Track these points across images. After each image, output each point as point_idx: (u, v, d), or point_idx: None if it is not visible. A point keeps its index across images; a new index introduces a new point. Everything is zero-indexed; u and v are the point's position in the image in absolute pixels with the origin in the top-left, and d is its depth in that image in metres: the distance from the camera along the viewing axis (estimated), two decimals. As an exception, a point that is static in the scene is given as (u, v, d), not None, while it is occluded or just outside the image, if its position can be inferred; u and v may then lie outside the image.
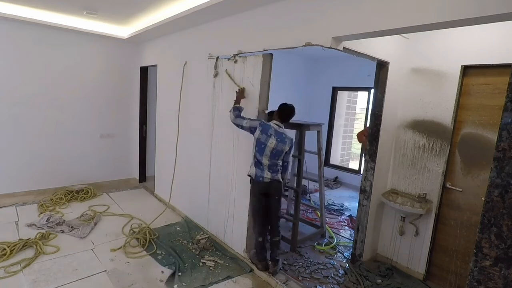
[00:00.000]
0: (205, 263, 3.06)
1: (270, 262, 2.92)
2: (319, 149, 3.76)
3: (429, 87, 2.96)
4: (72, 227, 3.60)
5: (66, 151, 4.94)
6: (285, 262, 3.17)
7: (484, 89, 2.66)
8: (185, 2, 3.26)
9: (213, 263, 3.06)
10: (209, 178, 3.67)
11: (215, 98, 3.49)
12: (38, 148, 4.69)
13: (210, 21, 3.51)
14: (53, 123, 4.77)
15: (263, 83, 2.89)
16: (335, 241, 3.69)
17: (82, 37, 4.78)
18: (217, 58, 3.41)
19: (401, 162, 3.19)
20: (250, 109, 3.00)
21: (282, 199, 2.98)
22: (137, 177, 5.69)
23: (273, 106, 3.41)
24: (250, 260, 3.08)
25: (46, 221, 3.66)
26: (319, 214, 4.11)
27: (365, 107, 6.35)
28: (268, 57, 2.87)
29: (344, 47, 2.38)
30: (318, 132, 3.74)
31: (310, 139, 3.91)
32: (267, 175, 2.78)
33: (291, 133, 3.74)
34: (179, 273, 2.86)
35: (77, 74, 4.89)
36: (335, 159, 6.72)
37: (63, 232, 3.49)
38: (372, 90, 3.14)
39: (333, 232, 3.95)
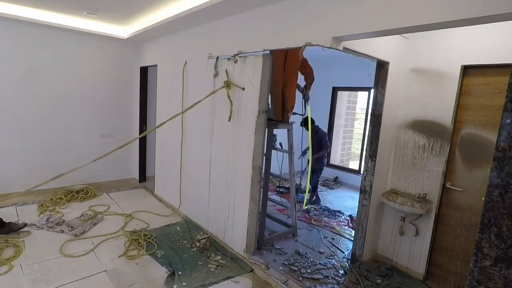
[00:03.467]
0: (208, 263, 3.06)
1: None
2: (291, 146, 3.74)
3: (429, 87, 2.96)
4: (72, 227, 3.60)
5: (66, 151, 4.94)
6: (286, 262, 3.17)
7: (484, 89, 2.66)
8: (185, 2, 3.26)
9: (215, 263, 3.06)
10: (209, 178, 3.66)
11: (215, 98, 3.49)
12: (38, 148, 4.69)
13: (210, 21, 3.51)
14: (53, 123, 4.76)
15: (263, 83, 2.89)
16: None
17: (82, 37, 4.78)
18: (217, 58, 3.41)
19: (401, 162, 3.19)
20: (251, 109, 3.01)
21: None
22: (137, 177, 5.69)
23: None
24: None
25: (46, 221, 3.66)
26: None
27: (365, 107, 6.35)
28: (268, 57, 2.87)
29: (344, 47, 2.38)
30: (288, 130, 3.71)
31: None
32: None
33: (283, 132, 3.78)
34: (179, 273, 2.86)
35: (77, 74, 4.89)
36: (335, 159, 6.73)
37: (63, 232, 3.49)
38: (372, 90, 3.14)
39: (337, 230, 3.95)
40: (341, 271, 3.12)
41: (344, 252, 3.51)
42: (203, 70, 3.64)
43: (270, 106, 3.33)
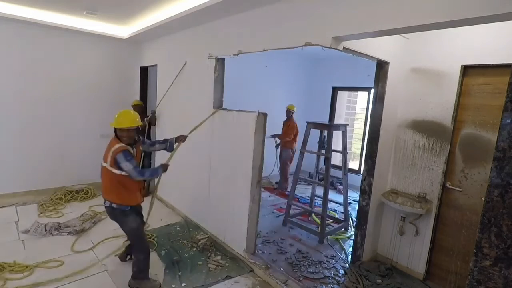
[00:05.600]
0: (208, 263, 3.07)
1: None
2: (344, 147, 3.98)
3: (429, 87, 2.96)
4: (70, 227, 3.58)
5: (66, 151, 4.94)
6: (286, 261, 3.17)
7: (484, 89, 2.66)
8: (185, 2, 3.26)
9: (215, 263, 3.06)
10: (209, 178, 3.66)
11: (215, 98, 3.49)
12: (38, 148, 4.69)
13: (210, 21, 3.51)
14: (53, 123, 4.77)
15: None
16: (351, 232, 3.90)
17: (82, 37, 4.78)
18: (217, 58, 3.41)
19: (401, 162, 3.19)
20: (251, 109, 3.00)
21: None
22: (137, 177, 5.68)
23: (272, 105, 3.41)
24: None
25: (45, 230, 3.47)
26: (317, 220, 4.14)
27: (365, 107, 6.34)
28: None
29: (344, 47, 2.38)
30: (342, 132, 3.98)
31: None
32: None
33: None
34: (179, 273, 2.86)
35: (77, 74, 4.89)
36: (335, 159, 6.72)
37: (61, 234, 3.47)
38: (372, 90, 3.14)
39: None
40: (341, 271, 3.12)
41: (344, 252, 3.51)
42: (203, 70, 3.64)
43: None
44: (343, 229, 4.03)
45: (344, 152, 4.00)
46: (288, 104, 5.47)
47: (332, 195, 5.59)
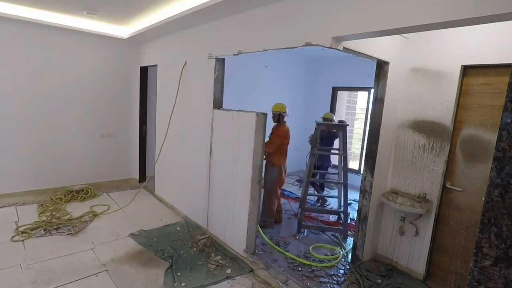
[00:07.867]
0: (208, 263, 3.07)
1: None
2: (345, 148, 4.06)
3: (429, 87, 2.96)
4: (69, 228, 3.57)
5: (66, 151, 4.94)
6: (287, 261, 3.17)
7: (484, 89, 2.66)
8: (185, 2, 3.27)
9: (215, 263, 3.06)
10: (208, 177, 3.66)
11: (215, 98, 3.49)
12: (38, 148, 4.69)
13: (210, 21, 3.51)
14: (53, 123, 4.77)
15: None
16: (341, 254, 3.38)
17: (82, 37, 4.78)
18: (217, 58, 3.41)
19: (401, 162, 3.19)
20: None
21: None
22: (137, 177, 5.69)
23: (271, 105, 3.41)
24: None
25: (44, 230, 3.47)
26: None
27: (365, 107, 6.35)
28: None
29: (344, 47, 2.38)
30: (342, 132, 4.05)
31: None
32: None
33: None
34: (178, 273, 2.86)
35: (77, 74, 4.89)
36: (335, 158, 6.71)
37: (62, 233, 3.47)
38: (372, 90, 3.14)
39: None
40: (341, 271, 3.12)
41: (344, 252, 3.51)
42: (203, 70, 3.64)
43: None
44: (342, 236, 3.90)
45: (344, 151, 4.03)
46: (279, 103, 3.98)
47: (332, 194, 5.59)
